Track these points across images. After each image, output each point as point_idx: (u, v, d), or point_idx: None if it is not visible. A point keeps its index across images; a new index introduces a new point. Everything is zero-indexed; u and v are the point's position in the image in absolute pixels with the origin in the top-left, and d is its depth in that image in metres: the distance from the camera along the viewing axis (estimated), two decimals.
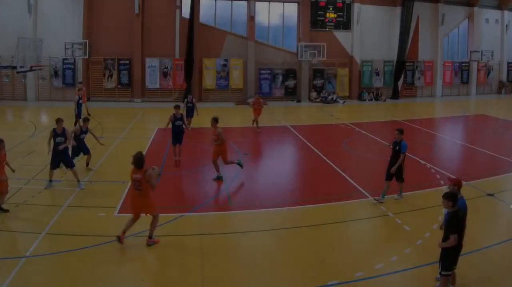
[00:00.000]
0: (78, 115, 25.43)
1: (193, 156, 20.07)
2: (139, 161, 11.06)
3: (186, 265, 10.41)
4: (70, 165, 15.83)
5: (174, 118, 19.05)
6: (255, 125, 26.91)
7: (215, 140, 16.80)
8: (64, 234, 11.63)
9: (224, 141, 17.04)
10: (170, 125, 19.05)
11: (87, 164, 17.93)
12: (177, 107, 19.54)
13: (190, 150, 21.11)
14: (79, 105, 25.96)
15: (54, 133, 15.55)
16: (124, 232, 11.04)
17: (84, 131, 17.59)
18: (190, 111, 26.43)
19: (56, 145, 15.48)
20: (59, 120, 15.73)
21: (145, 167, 11.08)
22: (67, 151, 15.93)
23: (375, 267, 10.14)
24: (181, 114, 19.64)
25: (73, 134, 16.57)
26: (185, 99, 27.39)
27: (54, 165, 15.65)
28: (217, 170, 16.98)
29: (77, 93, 26.44)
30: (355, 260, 10.66)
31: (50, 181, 15.58)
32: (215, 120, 17.05)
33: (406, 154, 14.24)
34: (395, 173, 14.16)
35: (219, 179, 16.90)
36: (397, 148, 14.19)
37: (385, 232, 12.70)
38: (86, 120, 18.01)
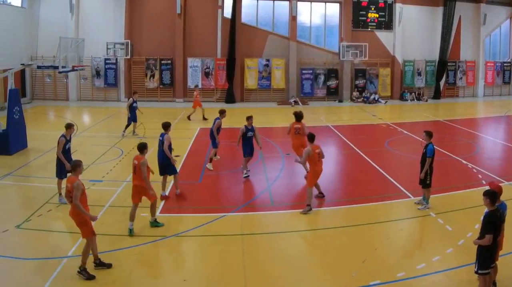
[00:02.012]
0: (133, 120, 22.80)
1: (234, 155, 17.52)
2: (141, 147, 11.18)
3: (228, 265, 9.79)
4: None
5: (246, 130, 15.65)
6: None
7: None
8: (106, 234, 10.71)
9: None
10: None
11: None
12: (250, 118, 15.96)
13: (231, 149, 18.70)
14: (133, 109, 22.66)
15: (65, 140, 13.27)
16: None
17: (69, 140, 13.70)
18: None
19: (67, 151, 13.32)
20: (70, 126, 13.52)
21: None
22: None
23: (417, 267, 9.56)
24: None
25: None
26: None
27: (64, 174, 13.00)
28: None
29: (133, 96, 23.43)
30: (397, 260, 10.04)
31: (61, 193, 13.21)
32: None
33: (433, 157, 12.66)
34: (424, 178, 12.75)
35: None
36: (424, 151, 12.72)
37: (427, 232, 11.87)
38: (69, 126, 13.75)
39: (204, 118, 26.96)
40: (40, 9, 34.54)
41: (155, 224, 11.43)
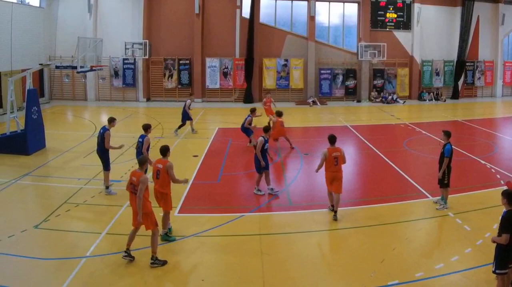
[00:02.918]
0: (188, 119, 22.12)
1: (252, 155, 15.63)
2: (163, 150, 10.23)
3: (246, 265, 9.28)
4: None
5: (265, 141, 13.40)
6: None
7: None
8: (124, 234, 9.96)
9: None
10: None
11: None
12: (267, 129, 13.96)
13: (249, 149, 18.13)
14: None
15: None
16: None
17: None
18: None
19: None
20: (113, 119, 13.74)
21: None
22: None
23: (435, 267, 9.08)
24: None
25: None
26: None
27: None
28: None
29: (190, 97, 22.72)
30: (415, 260, 9.49)
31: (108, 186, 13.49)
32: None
33: (451, 157, 12.09)
34: (442, 177, 12.19)
35: None
36: (442, 151, 12.19)
37: (445, 232, 11.31)
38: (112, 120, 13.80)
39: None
40: (59, 9, 33.07)
41: (166, 237, 10.30)
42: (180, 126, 21.89)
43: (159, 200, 10.24)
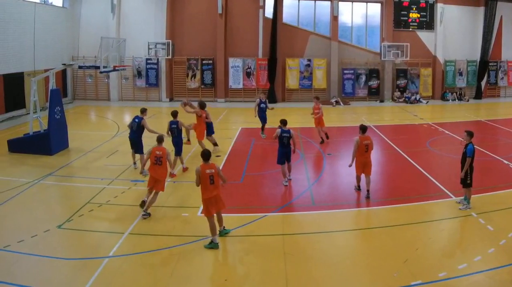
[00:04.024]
0: (262, 120, 20.26)
1: (275, 155, 14.64)
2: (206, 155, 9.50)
3: (269, 265, 8.71)
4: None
5: (282, 131, 13.56)
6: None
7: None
8: (147, 234, 9.82)
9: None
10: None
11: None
12: (284, 122, 13.77)
13: (273, 149, 16.24)
14: (260, 110, 20.11)
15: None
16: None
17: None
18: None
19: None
20: (145, 110, 15.04)
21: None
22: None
23: (458, 267, 8.49)
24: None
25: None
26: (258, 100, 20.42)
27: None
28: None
29: (260, 97, 20.68)
30: (438, 260, 8.85)
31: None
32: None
33: (473, 157, 11.35)
34: (464, 177, 11.47)
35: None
36: (464, 150, 11.47)
37: (468, 232, 10.48)
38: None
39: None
40: (82, 9, 31.30)
41: (225, 231, 9.99)
42: (262, 128, 20.33)
43: (216, 204, 9.58)
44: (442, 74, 34.11)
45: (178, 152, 14.62)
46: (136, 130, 14.50)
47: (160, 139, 11.50)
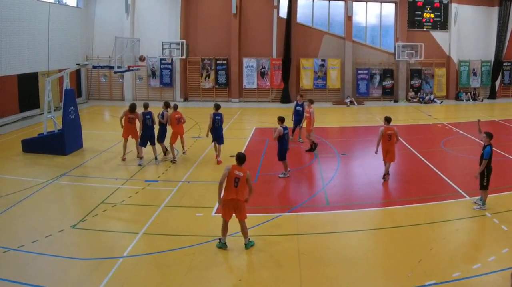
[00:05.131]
0: (296, 123, 18.48)
1: (289, 156, 14.56)
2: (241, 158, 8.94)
3: (283, 265, 8.40)
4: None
5: (284, 130, 13.56)
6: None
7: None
8: (161, 234, 9.46)
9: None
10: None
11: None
12: (282, 120, 13.56)
13: (292, 150, 15.96)
14: (296, 112, 18.36)
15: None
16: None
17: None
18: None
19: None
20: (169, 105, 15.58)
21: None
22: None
23: (472, 267, 8.17)
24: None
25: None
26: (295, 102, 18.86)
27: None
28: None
29: (297, 100, 18.94)
30: (452, 260, 8.49)
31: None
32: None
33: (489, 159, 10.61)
34: (481, 179, 10.67)
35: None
36: (482, 152, 10.73)
37: (482, 232, 10.06)
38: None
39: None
40: (96, 9, 29.92)
41: (250, 243, 9.08)
42: (299, 129, 18.84)
43: (234, 211, 8.95)
44: (456, 74, 32.40)
45: (159, 139, 15.35)
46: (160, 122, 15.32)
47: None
